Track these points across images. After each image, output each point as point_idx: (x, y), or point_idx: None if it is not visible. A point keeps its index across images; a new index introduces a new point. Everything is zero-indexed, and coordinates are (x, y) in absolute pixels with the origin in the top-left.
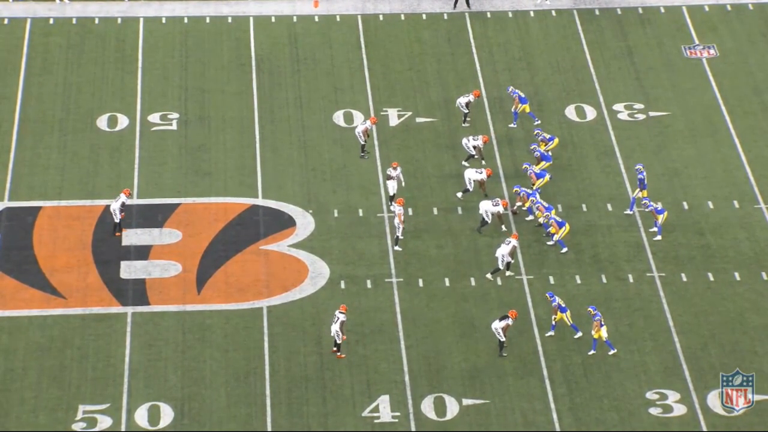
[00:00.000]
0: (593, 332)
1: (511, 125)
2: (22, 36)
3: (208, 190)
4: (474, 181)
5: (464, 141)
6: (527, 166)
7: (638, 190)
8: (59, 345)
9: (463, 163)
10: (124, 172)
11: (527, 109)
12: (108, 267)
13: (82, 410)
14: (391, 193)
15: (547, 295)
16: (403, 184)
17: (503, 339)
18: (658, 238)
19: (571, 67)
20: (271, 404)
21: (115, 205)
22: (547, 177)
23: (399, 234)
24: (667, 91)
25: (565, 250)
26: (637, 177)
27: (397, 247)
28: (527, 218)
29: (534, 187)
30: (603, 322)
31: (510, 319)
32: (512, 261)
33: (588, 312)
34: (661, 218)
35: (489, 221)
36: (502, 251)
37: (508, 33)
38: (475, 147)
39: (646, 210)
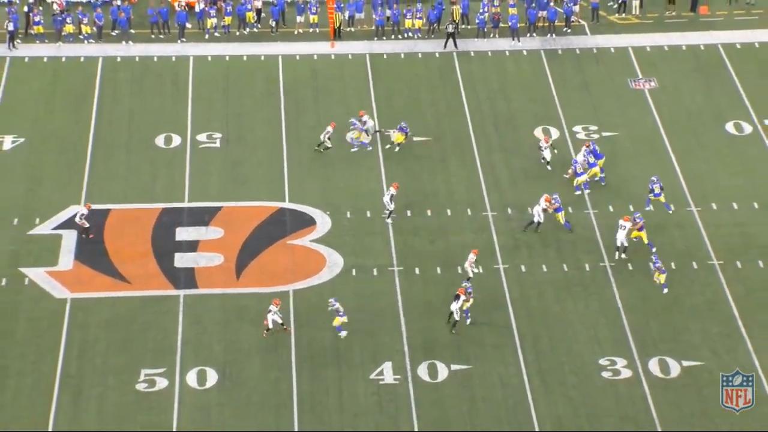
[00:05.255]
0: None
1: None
2: (95, 72)
3: (244, 195)
4: (540, 212)
5: (536, 208)
6: (590, 143)
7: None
8: (125, 321)
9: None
10: (177, 181)
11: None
12: (164, 258)
13: (144, 374)
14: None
15: (330, 300)
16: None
17: (458, 318)
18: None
19: (540, 97)
20: (296, 369)
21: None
22: (596, 169)
23: (390, 208)
24: (616, 116)
25: (569, 227)
26: (657, 185)
27: (389, 220)
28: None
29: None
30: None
31: (462, 298)
32: (542, 221)
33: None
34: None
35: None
36: (538, 208)
37: (487, 69)
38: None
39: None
